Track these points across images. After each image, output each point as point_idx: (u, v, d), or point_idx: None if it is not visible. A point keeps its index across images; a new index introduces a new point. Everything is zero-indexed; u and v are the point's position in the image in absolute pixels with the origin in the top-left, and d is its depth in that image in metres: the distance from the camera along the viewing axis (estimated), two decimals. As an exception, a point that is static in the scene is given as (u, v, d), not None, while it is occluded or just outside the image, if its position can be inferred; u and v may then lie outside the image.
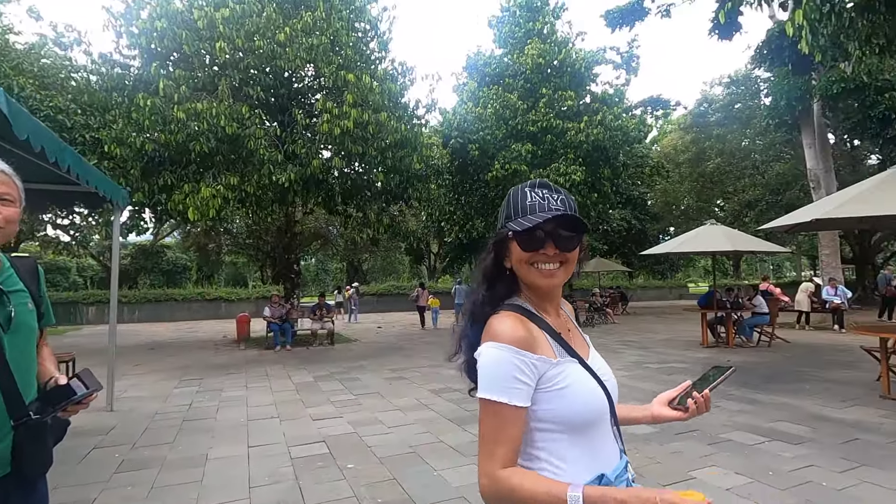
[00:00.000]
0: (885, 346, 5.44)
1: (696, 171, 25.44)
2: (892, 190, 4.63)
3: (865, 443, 3.97)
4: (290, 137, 9.86)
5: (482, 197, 16.82)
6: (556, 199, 1.01)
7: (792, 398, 5.45)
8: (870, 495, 3.02)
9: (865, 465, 3.48)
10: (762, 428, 4.42)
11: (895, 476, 3.29)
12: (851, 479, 3.25)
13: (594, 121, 13.44)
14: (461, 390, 6.23)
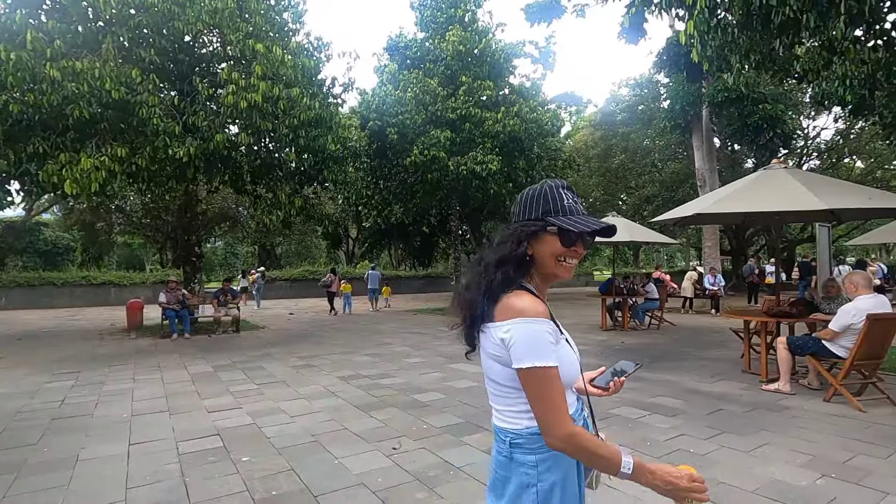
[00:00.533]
0: (747, 327, 6.19)
1: (603, 166, 27.13)
2: (760, 190, 5.24)
3: (727, 412, 4.49)
4: (191, 108, 9.03)
5: (401, 182, 16.68)
6: (581, 204, 1.19)
7: (672, 375, 6.02)
8: (727, 458, 3.42)
9: (726, 433, 3.93)
10: (645, 403, 4.84)
11: (749, 441, 3.75)
12: (714, 445, 3.66)
13: (511, 112, 13.79)
14: (371, 376, 6.18)
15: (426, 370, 6.58)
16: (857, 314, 4.49)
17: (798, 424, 4.13)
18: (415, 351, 8.16)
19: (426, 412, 4.62)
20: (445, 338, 9.67)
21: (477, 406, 4.79)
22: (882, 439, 3.74)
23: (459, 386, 5.65)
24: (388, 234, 30.72)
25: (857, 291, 4.66)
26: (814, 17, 5.89)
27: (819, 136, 26.38)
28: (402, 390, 5.47)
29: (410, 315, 14.75)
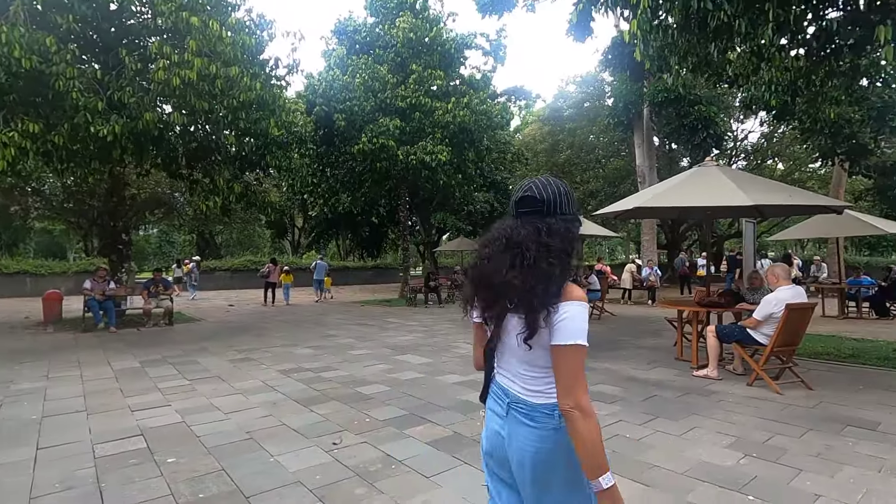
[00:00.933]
0: (680, 317, 6.51)
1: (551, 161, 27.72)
2: (694, 186, 5.49)
3: (661, 398, 4.69)
4: (116, 83, 8.31)
5: (349, 171, 16.27)
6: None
7: (612, 363, 6.24)
8: (660, 442, 3.56)
9: (660, 417, 4.10)
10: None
11: (680, 425, 3.93)
12: (648, 430, 3.80)
13: (461, 103, 13.73)
14: (313, 369, 5.98)
15: (371, 362, 6.45)
16: (778, 304, 4.80)
17: (724, 408, 4.37)
18: (360, 343, 8.00)
19: (369, 405, 4.51)
20: (392, 329, 9.56)
21: (421, 398, 4.73)
22: (796, 419, 4.02)
23: (404, 378, 5.58)
24: (336, 223, 30.01)
25: (777, 283, 4.99)
26: (745, 23, 6.20)
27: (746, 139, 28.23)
28: (345, 383, 5.33)
29: (357, 306, 14.50)
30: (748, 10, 6.28)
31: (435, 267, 24.13)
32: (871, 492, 2.77)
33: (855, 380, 5.29)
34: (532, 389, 1.35)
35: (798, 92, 9.49)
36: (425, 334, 8.87)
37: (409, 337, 8.57)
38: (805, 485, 2.87)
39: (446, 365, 6.25)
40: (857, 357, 6.35)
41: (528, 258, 1.28)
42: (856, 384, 5.11)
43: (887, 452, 3.32)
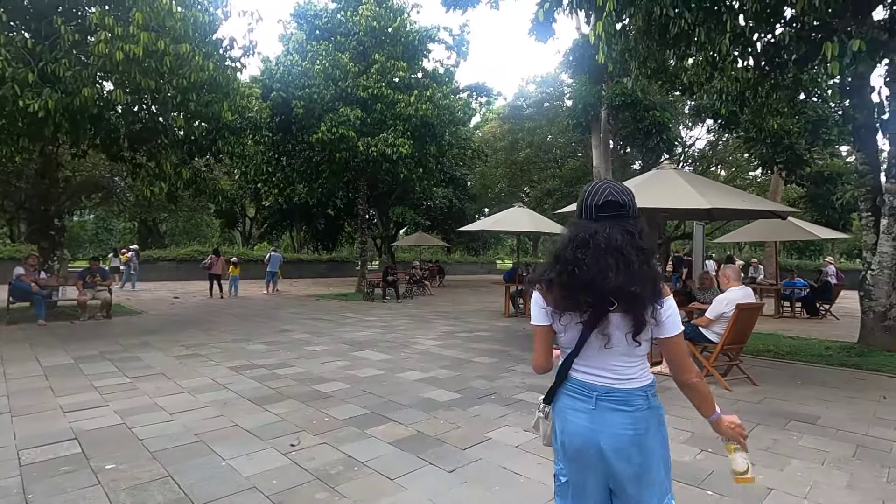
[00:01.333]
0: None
1: (510, 159, 28.05)
2: (654, 187, 5.63)
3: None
4: (50, 55, 7.61)
5: (306, 160, 15.77)
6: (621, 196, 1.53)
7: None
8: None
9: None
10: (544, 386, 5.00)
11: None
12: (609, 427, 3.86)
13: (424, 96, 13.58)
14: (267, 366, 5.73)
15: (328, 358, 6.25)
16: (729, 304, 5.01)
17: (679, 404, 4.50)
18: (316, 338, 7.75)
19: (328, 403, 4.35)
20: (349, 324, 9.35)
21: (382, 395, 4.61)
22: (745, 415, 4.20)
23: (364, 375, 5.43)
24: (290, 214, 29.14)
25: (728, 284, 5.20)
26: (704, 32, 6.42)
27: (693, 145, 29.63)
28: (302, 381, 5.12)
29: (312, 300, 14.11)
30: (707, 20, 6.50)
31: (392, 261, 23.89)
32: (817, 484, 2.91)
33: (794, 376, 5.61)
34: (628, 377, 1.48)
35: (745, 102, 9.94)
36: (384, 330, 8.72)
37: (367, 332, 8.39)
38: (758, 479, 2.98)
39: (406, 361, 6.15)
40: (794, 354, 6.75)
41: (634, 262, 1.37)
42: (795, 380, 5.42)
43: (828, 446, 3.52)
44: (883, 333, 6.73)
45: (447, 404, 4.37)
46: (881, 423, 3.99)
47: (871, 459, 3.27)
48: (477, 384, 5.10)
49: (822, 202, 20.50)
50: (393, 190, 21.04)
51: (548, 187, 26.31)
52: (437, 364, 6.03)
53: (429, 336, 8.15)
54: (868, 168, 7.07)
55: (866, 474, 3.05)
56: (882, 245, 6.65)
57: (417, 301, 14.49)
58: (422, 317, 10.71)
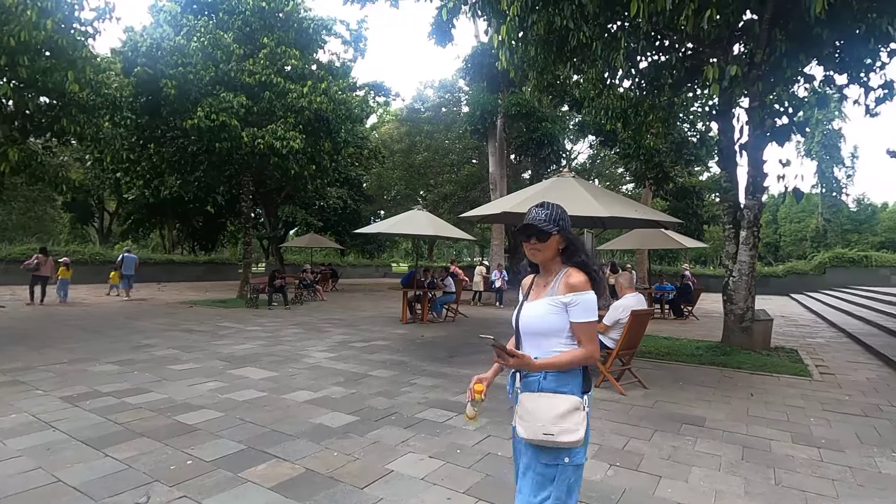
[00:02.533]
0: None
1: (407, 161, 27.82)
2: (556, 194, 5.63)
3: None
4: None
5: (180, 149, 13.95)
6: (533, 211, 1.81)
7: (472, 368, 6.10)
8: (531, 459, 3.39)
9: (526, 429, 3.98)
10: (450, 402, 4.70)
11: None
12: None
13: (319, 88, 12.71)
14: (115, 393, 4.69)
15: (198, 379, 5.33)
16: (625, 310, 5.14)
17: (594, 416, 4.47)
18: (185, 354, 6.66)
19: (193, 440, 3.58)
20: (228, 335, 8.27)
21: (263, 424, 3.94)
22: (642, 420, 4.27)
23: (242, 398, 4.66)
24: (160, 210, 25.91)
25: (623, 291, 5.35)
26: (600, 47, 6.65)
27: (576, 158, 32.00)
28: (161, 410, 4.23)
29: (184, 308, 12.45)
30: (603, 36, 6.74)
31: (281, 264, 22.25)
32: (720, 494, 2.92)
33: (675, 377, 5.96)
34: None
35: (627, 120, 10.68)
36: (269, 341, 7.82)
37: (249, 345, 7.45)
38: (668, 492, 2.92)
39: (294, 379, 5.46)
40: (671, 355, 7.26)
41: None
42: (677, 381, 5.75)
43: (719, 449, 3.64)
44: (741, 333, 7.53)
45: (341, 430, 3.85)
46: (756, 422, 4.28)
47: (757, 461, 3.42)
48: (375, 403, 4.63)
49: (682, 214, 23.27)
50: (282, 187, 19.59)
51: (444, 191, 26.51)
52: (329, 381, 5.43)
53: (320, 347, 7.46)
54: (730, 185, 7.89)
55: (757, 478, 3.16)
56: (741, 254, 7.43)
57: (308, 307, 13.51)
58: (313, 325, 9.90)
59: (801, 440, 3.85)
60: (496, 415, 4.32)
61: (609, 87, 9.35)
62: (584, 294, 1.68)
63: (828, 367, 6.72)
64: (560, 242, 1.76)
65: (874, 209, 48.35)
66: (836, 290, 19.40)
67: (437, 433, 3.85)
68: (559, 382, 1.69)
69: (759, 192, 7.34)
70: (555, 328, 1.71)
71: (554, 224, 1.74)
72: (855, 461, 3.45)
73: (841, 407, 4.79)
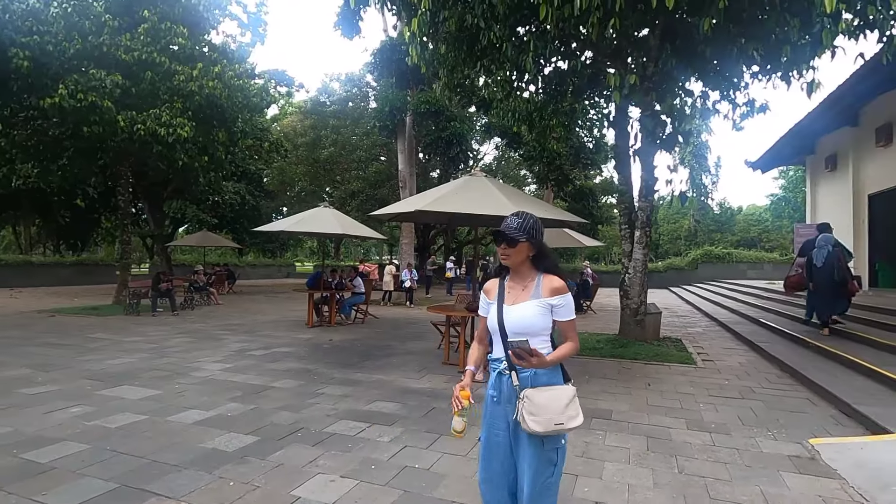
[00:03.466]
0: (449, 321, 6.62)
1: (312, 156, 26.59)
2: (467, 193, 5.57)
3: (439, 411, 4.49)
4: None
5: (37, 132, 11.95)
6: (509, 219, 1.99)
7: (384, 374, 5.87)
8: (451, 468, 3.25)
9: (443, 436, 3.84)
10: (362, 412, 4.42)
11: (464, 444, 3.73)
12: (435, 454, 3.48)
13: (212, 72, 11.56)
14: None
15: (58, 404, 4.49)
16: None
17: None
18: (42, 374, 5.62)
19: (47, 482, 2.94)
20: (100, 349, 7.17)
21: (142, 454, 3.37)
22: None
23: (115, 424, 3.98)
24: (13, 203, 22.22)
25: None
26: (510, 48, 6.72)
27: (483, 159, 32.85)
28: (4, 447, 3.46)
29: (44, 317, 10.67)
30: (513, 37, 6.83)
31: (168, 265, 20.09)
32: (632, 488, 3.00)
33: (581, 371, 6.20)
34: None
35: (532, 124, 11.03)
36: (152, 354, 6.91)
37: (126, 359, 6.50)
38: (584, 491, 2.94)
39: (182, 397, 4.82)
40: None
41: None
42: (583, 375, 5.98)
43: (627, 441, 3.78)
44: (636, 326, 8.09)
45: (238, 454, 3.41)
46: (655, 411, 4.55)
47: (661, 451, 3.60)
48: (278, 418, 4.21)
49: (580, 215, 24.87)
50: (169, 180, 17.67)
51: (352, 188, 25.75)
52: (224, 396, 4.87)
53: (214, 358, 6.73)
54: (626, 188, 8.44)
55: (662, 467, 3.30)
56: (636, 252, 7.98)
57: (200, 313, 12.28)
58: (206, 333, 8.97)
59: (694, 426, 4.14)
60: (407, 423, 4.13)
61: (516, 90, 9.59)
62: (567, 296, 1.92)
63: (707, 353, 7.44)
64: (529, 249, 1.95)
65: (732, 212, 55.73)
66: (706, 283, 21.94)
67: (348, 448, 3.56)
68: (551, 376, 1.91)
69: (651, 194, 7.94)
70: (542, 327, 1.91)
71: (523, 232, 1.93)
72: (740, 442, 3.77)
73: (723, 392, 5.28)
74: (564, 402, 1.84)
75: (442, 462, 3.35)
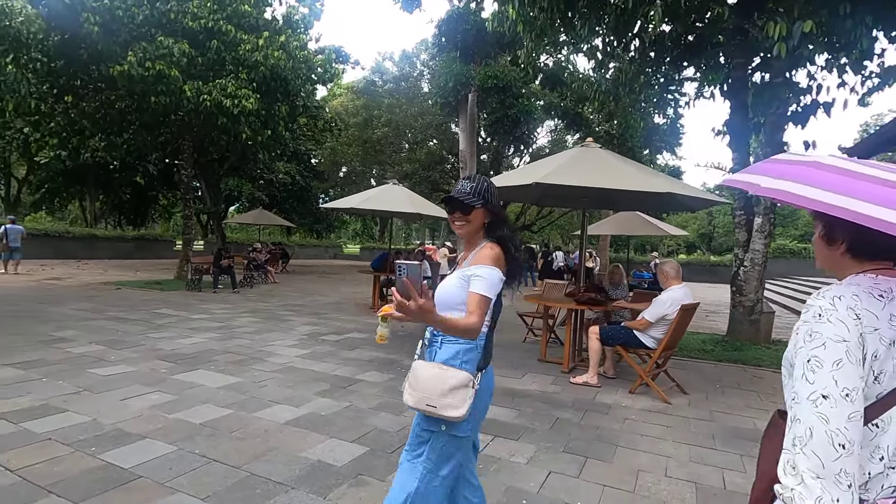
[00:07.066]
0: (546, 312, 5.84)
1: (363, 136, 26.11)
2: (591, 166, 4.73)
3: (565, 423, 3.75)
4: None
5: (105, 104, 11.86)
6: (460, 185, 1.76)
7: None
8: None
9: (589, 458, 3.10)
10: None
11: (616, 467, 2.99)
12: (593, 487, 2.73)
13: (277, 41, 11.07)
14: (11, 414, 3.33)
15: (135, 390, 4.03)
16: (673, 304, 4.36)
17: (636, 430, 3.66)
18: (114, 352, 5.24)
19: (133, 496, 2.39)
20: (169, 325, 6.82)
21: (236, 464, 2.79)
22: (712, 440, 3.51)
23: (198, 420, 3.44)
24: (81, 178, 22.88)
25: (668, 282, 4.56)
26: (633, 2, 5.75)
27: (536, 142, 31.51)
28: (81, 444, 2.96)
29: (109, 290, 10.60)
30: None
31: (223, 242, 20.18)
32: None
33: (706, 378, 5.32)
34: None
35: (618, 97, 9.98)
36: (221, 334, 6.48)
37: (197, 339, 6.09)
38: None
39: (265, 388, 4.27)
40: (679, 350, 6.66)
41: None
42: (712, 383, 5.10)
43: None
44: (749, 326, 7.07)
45: (350, 471, 2.78)
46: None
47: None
48: (381, 422, 3.57)
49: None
50: (226, 156, 17.56)
51: (405, 169, 25.15)
52: (310, 389, 4.30)
53: (286, 342, 6.23)
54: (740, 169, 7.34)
55: None
56: (755, 243, 6.93)
57: (259, 291, 12.01)
58: (270, 313, 8.56)
59: None
60: (537, 439, 3.41)
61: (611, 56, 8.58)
62: (486, 268, 1.63)
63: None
64: (485, 216, 1.75)
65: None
66: (778, 280, 20.11)
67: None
68: (451, 355, 1.68)
69: (778, 176, 6.82)
70: (458, 301, 1.65)
71: (478, 197, 1.72)
72: None
73: None
74: (447, 386, 1.62)
75: (608, 498, 2.61)
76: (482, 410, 1.76)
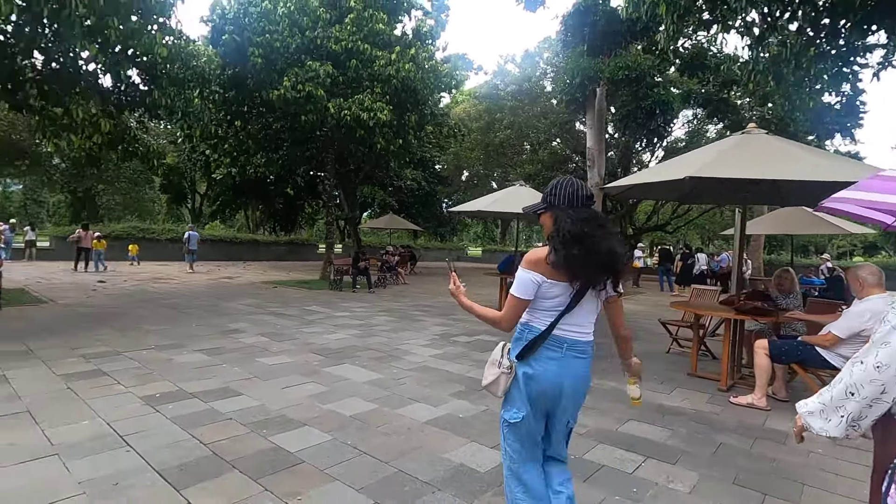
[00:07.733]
0: (697, 322, 5.23)
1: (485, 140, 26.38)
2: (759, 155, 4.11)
3: (730, 450, 3.27)
4: None
5: (265, 126, 13.56)
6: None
7: (617, 381, 4.77)
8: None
9: (769, 496, 2.65)
10: (620, 435, 3.43)
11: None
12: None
13: (407, 54, 11.66)
14: (201, 395, 3.89)
15: (293, 379, 4.46)
16: (873, 317, 3.58)
17: (826, 467, 3.06)
18: (275, 343, 5.90)
19: (298, 483, 2.60)
20: (317, 321, 7.51)
21: (383, 458, 2.90)
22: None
23: (348, 412, 3.68)
24: (244, 191, 26.50)
25: (864, 290, 3.76)
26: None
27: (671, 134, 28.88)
28: (255, 425, 3.33)
29: (268, 288, 12.08)
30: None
31: (358, 246, 21.87)
32: None
33: None
34: (589, 331, 1.87)
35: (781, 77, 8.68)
36: (361, 331, 6.95)
37: (342, 335, 6.60)
38: None
39: (403, 385, 4.44)
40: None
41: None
42: None
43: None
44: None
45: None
46: None
47: None
48: (519, 429, 3.47)
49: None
50: (362, 166, 18.99)
51: (528, 171, 24.85)
52: (446, 389, 4.36)
53: (421, 341, 6.46)
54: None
55: None
56: None
57: (391, 291, 12.73)
58: (403, 312, 8.99)
59: None
60: (698, 466, 3.02)
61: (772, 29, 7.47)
62: (520, 269, 1.81)
63: None
64: (551, 218, 1.82)
65: None
66: None
67: (635, 495, 2.61)
68: (512, 341, 1.92)
69: None
70: None
71: (542, 202, 1.87)
72: None
73: None
74: (490, 358, 1.95)
75: (800, 549, 2.18)
76: (527, 402, 1.82)
